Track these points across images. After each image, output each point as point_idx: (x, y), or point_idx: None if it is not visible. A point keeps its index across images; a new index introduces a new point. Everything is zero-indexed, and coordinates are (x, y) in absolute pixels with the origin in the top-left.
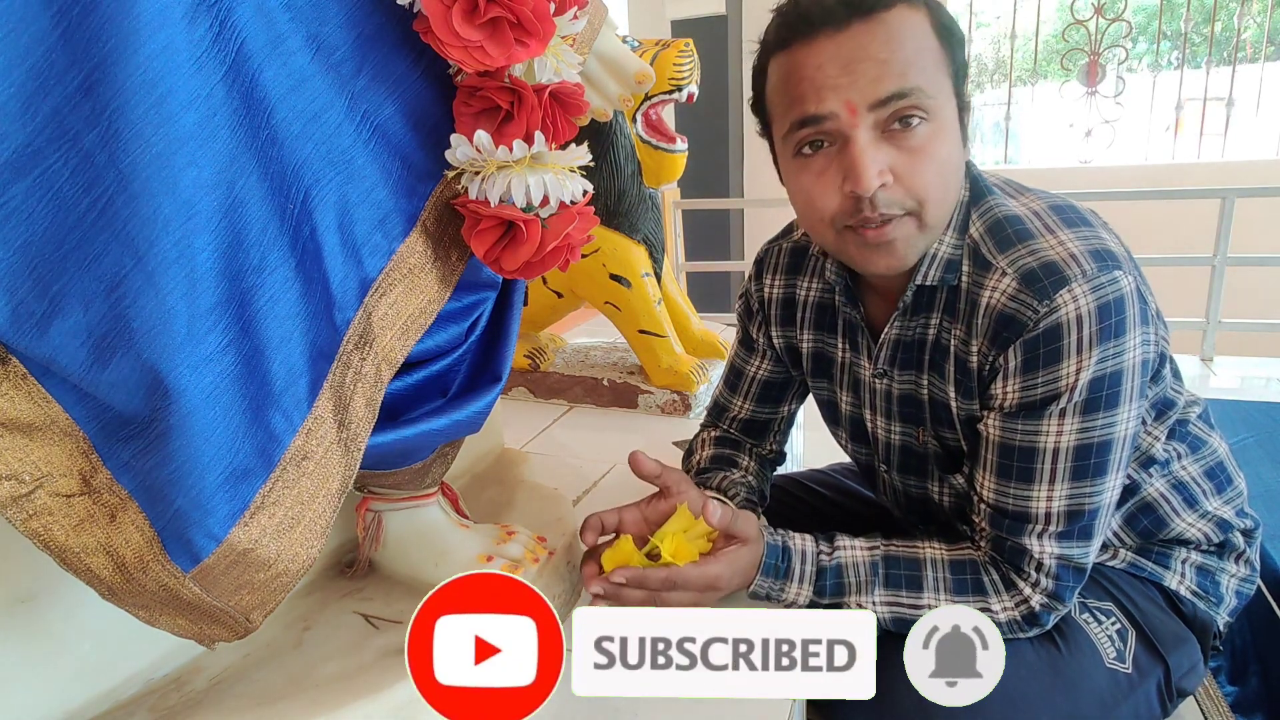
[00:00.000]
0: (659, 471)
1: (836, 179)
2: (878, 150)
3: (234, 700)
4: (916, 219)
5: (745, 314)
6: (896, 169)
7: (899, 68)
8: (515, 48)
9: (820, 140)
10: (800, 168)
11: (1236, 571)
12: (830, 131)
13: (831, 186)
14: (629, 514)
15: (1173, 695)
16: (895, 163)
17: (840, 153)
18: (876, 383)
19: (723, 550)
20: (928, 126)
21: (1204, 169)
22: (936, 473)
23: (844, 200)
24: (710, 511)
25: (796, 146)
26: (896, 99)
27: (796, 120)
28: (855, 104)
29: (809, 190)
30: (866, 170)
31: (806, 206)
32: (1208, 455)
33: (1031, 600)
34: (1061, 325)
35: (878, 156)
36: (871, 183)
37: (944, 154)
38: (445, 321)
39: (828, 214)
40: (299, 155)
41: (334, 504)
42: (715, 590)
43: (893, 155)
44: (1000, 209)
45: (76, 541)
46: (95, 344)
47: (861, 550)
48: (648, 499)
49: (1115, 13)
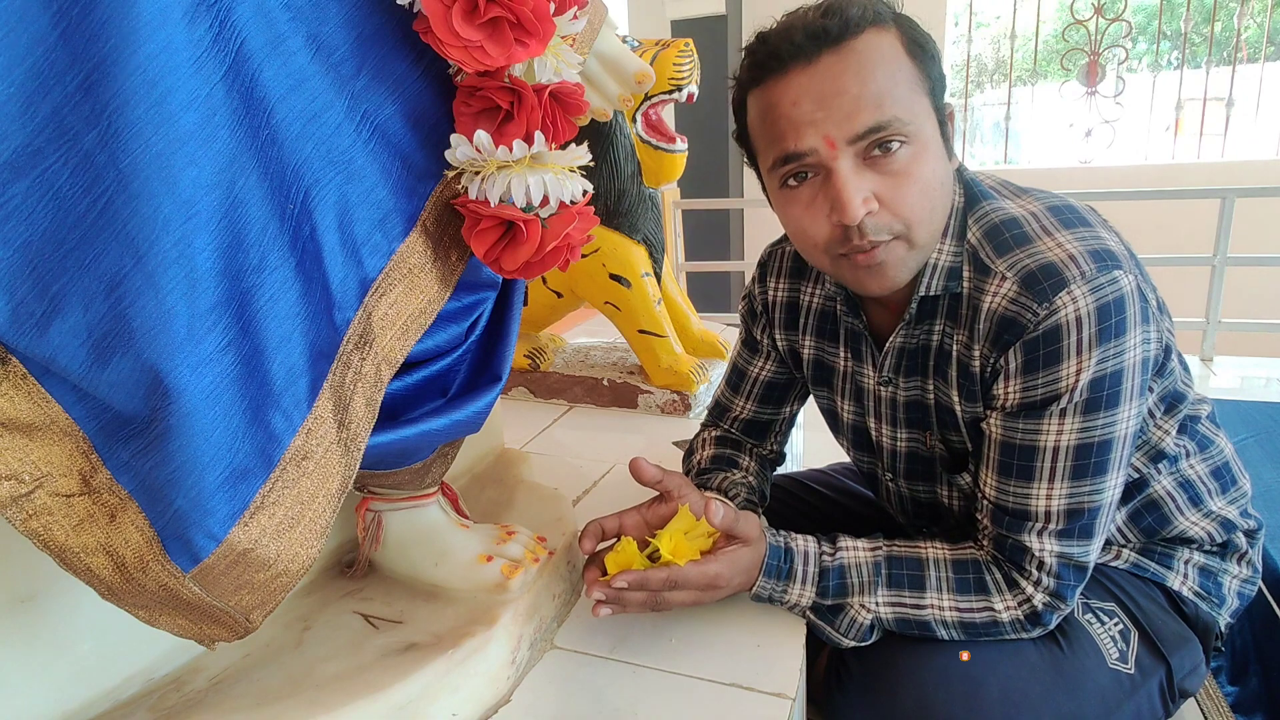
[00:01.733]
0: (660, 477)
1: (824, 208)
2: (860, 179)
3: (234, 700)
4: (905, 241)
5: (749, 315)
6: (881, 194)
7: (873, 100)
8: (515, 48)
9: (804, 172)
10: (789, 199)
11: (1238, 572)
12: (812, 165)
13: (820, 216)
14: (629, 518)
15: (1175, 696)
16: (879, 188)
17: (825, 183)
18: (882, 390)
19: (724, 550)
20: (908, 149)
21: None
22: (944, 476)
23: (833, 229)
24: (713, 512)
25: (782, 179)
26: (874, 132)
27: (779, 158)
28: (834, 138)
29: (799, 221)
30: (851, 201)
31: (799, 236)
32: (1215, 455)
33: (1034, 599)
34: (1061, 327)
35: (861, 185)
36: (857, 212)
37: (927, 173)
38: (445, 321)
39: (820, 242)
40: (299, 155)
41: (334, 504)
42: (716, 589)
43: (876, 181)
44: (997, 213)
45: (76, 541)
46: (95, 344)
47: (864, 551)
48: (648, 503)
49: (1115, 13)
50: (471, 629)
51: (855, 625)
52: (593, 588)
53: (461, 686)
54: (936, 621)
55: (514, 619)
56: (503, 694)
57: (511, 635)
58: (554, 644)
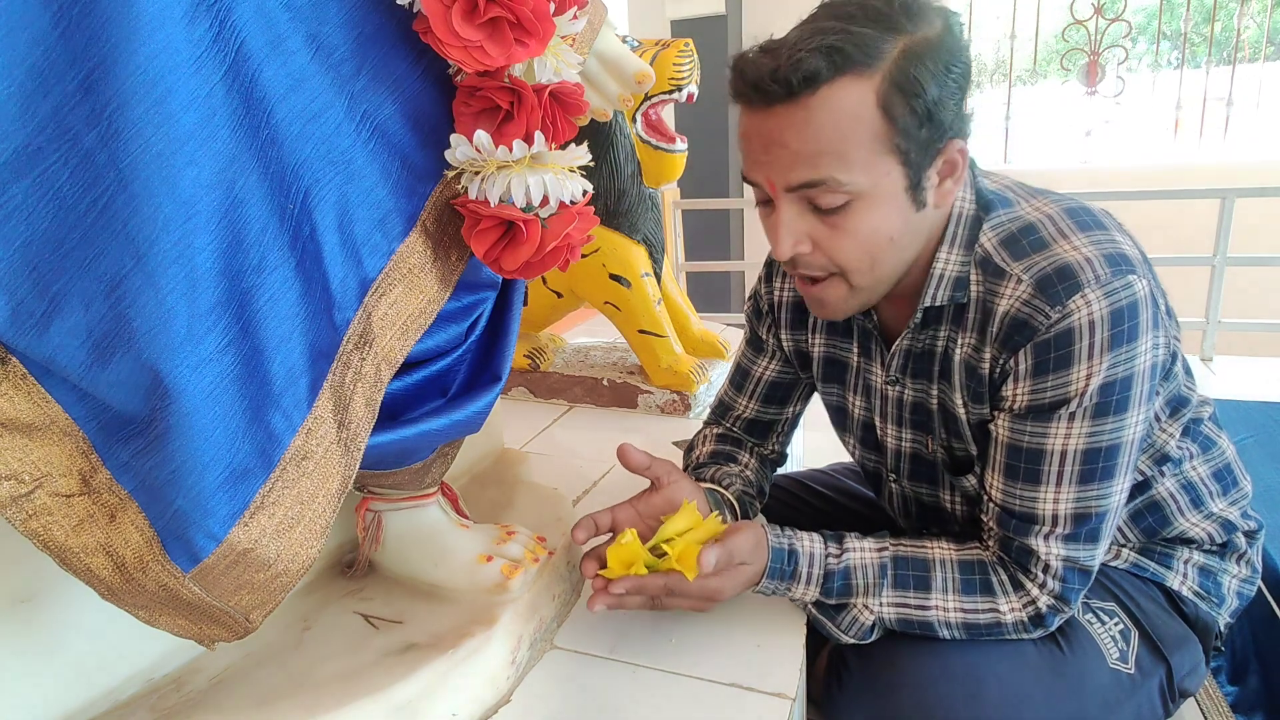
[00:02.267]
0: (648, 463)
1: None
2: (798, 220)
3: (234, 700)
4: (843, 280)
5: (754, 315)
6: (816, 238)
7: (809, 159)
8: (515, 48)
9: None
10: (763, 215)
11: (1238, 572)
12: (763, 196)
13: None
14: (622, 512)
15: (1175, 696)
16: (815, 232)
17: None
18: (889, 390)
19: (726, 570)
20: (851, 205)
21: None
22: (947, 479)
23: None
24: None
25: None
26: (808, 186)
27: (743, 176)
28: (774, 182)
29: (768, 238)
30: (782, 241)
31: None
32: (1216, 457)
33: (1039, 601)
34: (1074, 330)
35: (795, 227)
36: (784, 252)
37: (868, 229)
38: (445, 321)
39: (780, 261)
40: (299, 155)
41: (334, 504)
42: (713, 602)
43: (813, 224)
44: (1014, 222)
45: (76, 541)
46: (95, 344)
47: (871, 552)
48: (640, 495)
49: (1115, 13)
50: (471, 629)
51: (857, 624)
52: (594, 599)
53: (461, 686)
54: (940, 622)
55: (514, 619)
56: (503, 694)
57: (511, 635)
58: (554, 644)
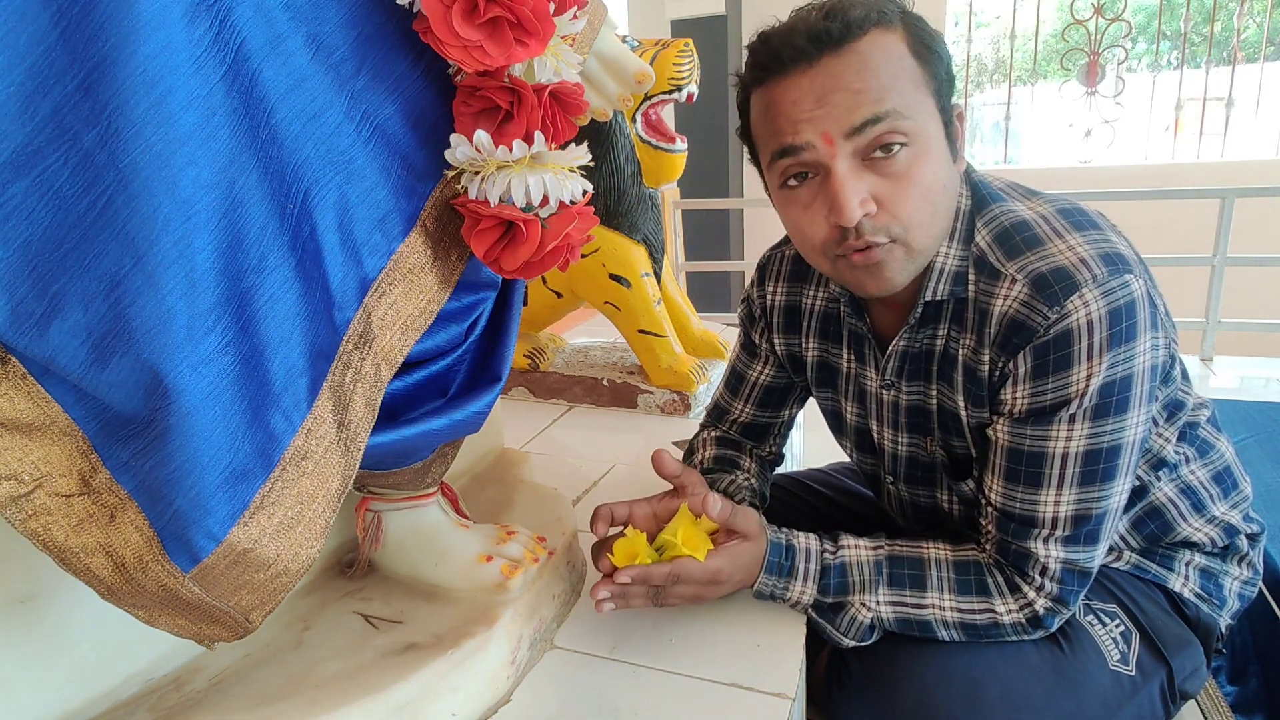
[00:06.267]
0: (680, 472)
1: (823, 210)
2: (858, 179)
3: (234, 700)
4: (903, 245)
5: (747, 319)
6: (880, 196)
7: (873, 94)
8: (515, 47)
9: (804, 172)
10: (788, 200)
11: (1239, 574)
12: (810, 163)
13: (818, 218)
14: (639, 508)
15: (1175, 698)
16: (878, 190)
17: (823, 184)
18: (884, 394)
19: (725, 545)
20: (909, 150)
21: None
22: (945, 481)
23: (830, 230)
24: (710, 504)
25: (781, 178)
26: (872, 124)
27: (776, 150)
28: (831, 134)
29: (798, 222)
30: (849, 202)
31: (798, 237)
32: (1215, 459)
33: (1036, 604)
34: (1072, 331)
35: (858, 186)
36: (854, 213)
37: (928, 177)
38: (445, 321)
39: (818, 244)
40: (299, 155)
41: (334, 504)
42: (717, 584)
43: (875, 182)
44: (1007, 216)
45: (76, 541)
46: (95, 344)
47: (866, 549)
48: (660, 495)
49: (1115, 13)
50: (471, 629)
51: (856, 624)
52: (597, 590)
53: (461, 686)
54: (937, 622)
55: (514, 619)
56: (503, 694)
57: (511, 635)
58: (554, 644)
